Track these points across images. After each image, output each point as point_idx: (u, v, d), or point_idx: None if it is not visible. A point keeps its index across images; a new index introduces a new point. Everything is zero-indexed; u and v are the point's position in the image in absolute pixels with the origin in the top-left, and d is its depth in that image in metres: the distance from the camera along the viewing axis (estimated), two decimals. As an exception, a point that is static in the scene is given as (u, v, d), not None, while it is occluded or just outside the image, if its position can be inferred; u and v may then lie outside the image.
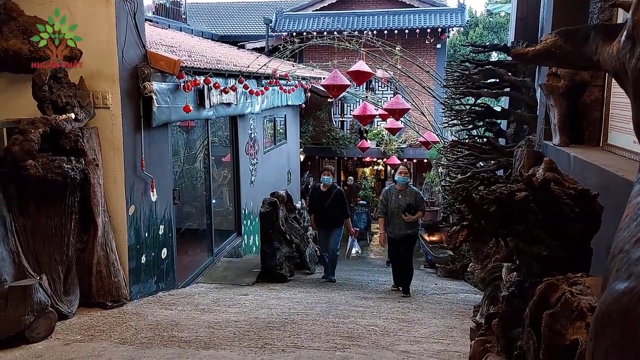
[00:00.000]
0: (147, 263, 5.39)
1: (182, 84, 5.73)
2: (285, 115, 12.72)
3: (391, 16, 16.36)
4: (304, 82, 11.47)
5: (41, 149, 4.11)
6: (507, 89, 5.61)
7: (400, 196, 6.70)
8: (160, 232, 5.67)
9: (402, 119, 10.18)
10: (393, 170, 6.84)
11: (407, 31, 15.82)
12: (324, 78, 9.63)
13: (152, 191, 5.36)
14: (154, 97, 5.14)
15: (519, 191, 1.98)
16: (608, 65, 1.32)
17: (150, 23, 9.44)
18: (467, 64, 5.94)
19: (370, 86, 16.94)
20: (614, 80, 2.98)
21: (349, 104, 17.03)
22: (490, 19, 26.34)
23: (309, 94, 12.18)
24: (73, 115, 4.49)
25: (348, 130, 17.19)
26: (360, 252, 8.54)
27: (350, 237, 8.02)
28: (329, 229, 7.68)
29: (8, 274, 3.72)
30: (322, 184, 7.73)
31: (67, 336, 3.97)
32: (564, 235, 1.94)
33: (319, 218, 7.71)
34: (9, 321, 3.65)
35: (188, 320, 4.48)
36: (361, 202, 15.41)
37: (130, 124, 5.06)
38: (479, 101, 5.77)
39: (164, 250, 5.76)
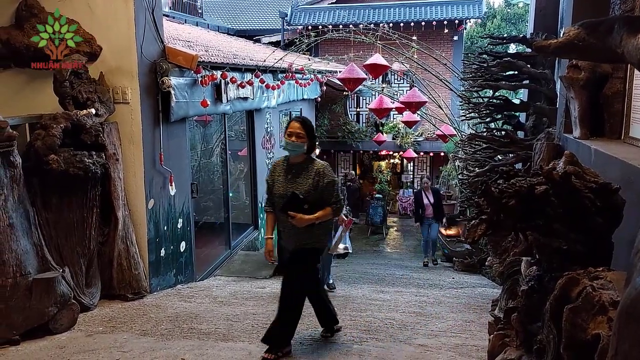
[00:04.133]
0: (167, 256, 5.46)
1: (199, 79, 5.77)
2: (301, 109, 12.72)
3: (407, 8, 16.23)
4: (319, 76, 11.47)
5: (63, 144, 4.18)
6: (526, 81, 5.54)
7: (289, 176, 3.60)
8: (179, 226, 5.73)
9: (418, 112, 10.15)
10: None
11: (423, 23, 15.68)
12: (340, 71, 9.63)
13: (171, 185, 5.42)
14: (172, 92, 5.19)
15: (539, 185, 1.97)
16: (633, 58, 1.30)
17: (167, 18, 9.50)
18: (484, 56, 5.88)
19: (387, 79, 16.85)
20: (636, 72, 2.94)
21: (364, 97, 16.97)
22: (509, 10, 26.00)
23: (325, 88, 12.18)
24: (93, 111, 4.55)
25: (364, 124, 17.14)
26: (350, 250, 6.39)
27: (340, 227, 6.02)
28: None
29: (32, 267, 3.80)
30: None
31: (90, 328, 4.05)
32: (584, 230, 1.93)
33: None
34: (33, 313, 3.73)
35: (207, 313, 4.53)
36: (377, 195, 15.38)
37: (149, 118, 5.12)
38: (497, 94, 5.70)
39: (183, 244, 5.82)
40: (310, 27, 15.45)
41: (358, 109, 17.55)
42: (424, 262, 10.14)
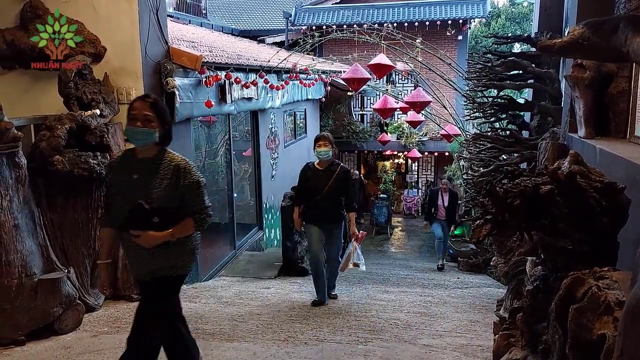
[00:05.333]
0: (171, 256, 5.46)
1: (203, 79, 5.78)
2: (305, 109, 12.74)
3: (411, 8, 16.22)
4: (324, 76, 11.48)
5: (67, 145, 4.20)
6: (531, 81, 5.52)
7: (135, 176, 2.66)
8: (184, 226, 5.72)
9: (423, 112, 10.13)
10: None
11: (427, 23, 15.67)
12: (344, 72, 9.63)
13: (175, 186, 5.42)
14: (177, 92, 5.20)
15: (544, 184, 1.96)
16: (638, 57, 1.29)
17: (171, 19, 9.53)
18: (489, 55, 5.87)
19: (391, 79, 16.84)
20: (641, 71, 2.92)
21: (369, 97, 16.97)
22: (513, 10, 25.94)
23: (329, 88, 12.18)
24: (98, 111, 4.56)
25: (368, 124, 17.14)
26: (363, 267, 5.24)
27: (351, 242, 5.21)
28: (326, 225, 5.07)
29: (37, 267, 3.82)
30: (316, 161, 5.14)
31: (95, 328, 4.06)
32: (590, 229, 1.92)
33: (311, 209, 5.08)
34: (38, 313, 3.74)
35: (211, 313, 4.54)
36: (382, 195, 15.37)
37: (154, 119, 5.11)
38: (501, 93, 5.68)
39: (187, 244, 5.82)
40: (314, 27, 15.46)
41: (362, 109, 17.55)
42: (439, 266, 9.27)
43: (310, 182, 5.07)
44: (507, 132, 5.53)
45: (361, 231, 5.36)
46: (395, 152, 17.24)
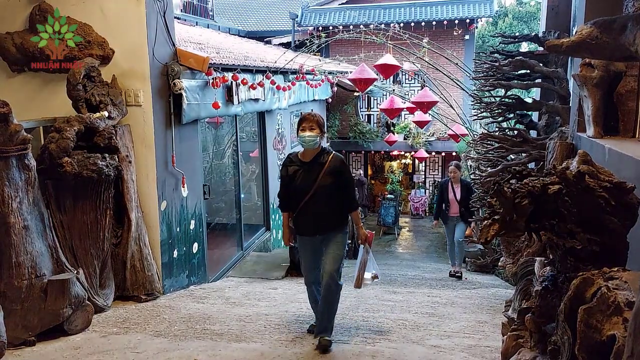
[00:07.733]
0: (179, 257, 5.49)
1: (210, 81, 5.79)
2: (312, 109, 12.73)
3: (418, 8, 16.20)
4: (330, 77, 11.48)
5: (76, 147, 4.22)
6: (539, 80, 5.51)
7: None
8: (191, 227, 5.76)
9: (430, 112, 10.11)
10: None
11: (434, 23, 15.65)
12: (350, 72, 9.63)
13: (183, 187, 5.45)
14: (184, 94, 5.22)
15: (552, 184, 1.95)
16: (646, 56, 1.29)
17: (179, 21, 9.56)
18: (496, 55, 5.85)
19: (398, 79, 16.82)
20: (650, 70, 2.90)
21: (375, 98, 16.96)
22: (520, 9, 25.83)
23: (336, 88, 12.19)
24: (106, 113, 4.59)
25: (375, 124, 17.13)
26: (379, 277, 4.19)
27: (361, 247, 4.02)
28: (323, 236, 3.79)
29: (47, 269, 3.84)
30: (300, 151, 3.93)
31: (104, 328, 4.08)
32: (599, 229, 1.91)
33: (300, 216, 3.79)
34: (48, 314, 3.77)
35: (219, 314, 4.55)
36: (389, 195, 15.35)
37: (161, 121, 5.15)
38: (509, 93, 5.67)
39: (195, 245, 5.85)
40: (320, 28, 15.48)
41: (369, 110, 17.54)
42: (451, 273, 7.87)
43: (294, 180, 3.80)
44: (515, 132, 5.51)
45: (368, 231, 4.06)
46: (402, 153, 17.23)
